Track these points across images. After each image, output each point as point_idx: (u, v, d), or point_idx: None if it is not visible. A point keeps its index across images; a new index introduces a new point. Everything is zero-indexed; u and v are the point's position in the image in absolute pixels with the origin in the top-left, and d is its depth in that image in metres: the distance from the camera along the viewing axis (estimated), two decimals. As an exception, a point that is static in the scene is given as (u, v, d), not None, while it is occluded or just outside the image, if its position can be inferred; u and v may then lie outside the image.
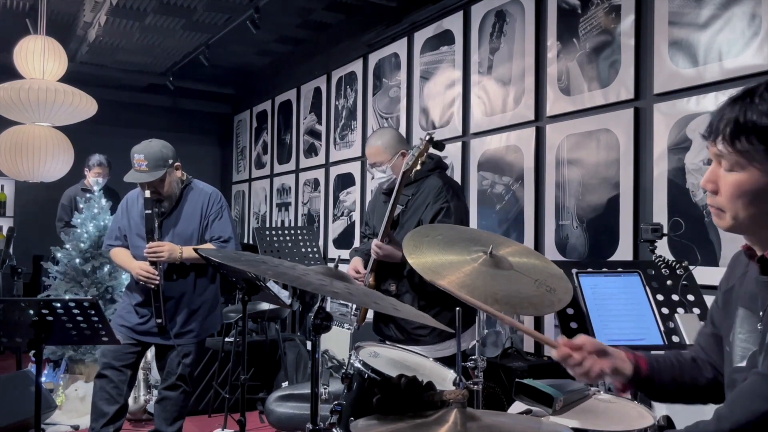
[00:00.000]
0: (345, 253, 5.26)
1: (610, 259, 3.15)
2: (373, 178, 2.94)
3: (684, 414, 1.59)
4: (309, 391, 1.72)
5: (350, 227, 5.42)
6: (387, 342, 2.81)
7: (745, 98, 1.12)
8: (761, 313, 1.20)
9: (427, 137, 2.62)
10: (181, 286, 3.20)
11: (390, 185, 2.87)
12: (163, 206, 3.17)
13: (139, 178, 3.07)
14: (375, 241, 2.74)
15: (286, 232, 4.61)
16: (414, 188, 2.80)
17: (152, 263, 3.09)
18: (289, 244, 4.50)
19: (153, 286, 3.10)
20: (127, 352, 3.16)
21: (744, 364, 1.22)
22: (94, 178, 5.32)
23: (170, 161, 3.12)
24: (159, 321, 3.12)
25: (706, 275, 2.67)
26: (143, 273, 3.08)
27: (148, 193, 3.08)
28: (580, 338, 1.40)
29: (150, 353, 4.05)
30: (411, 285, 2.72)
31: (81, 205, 4.82)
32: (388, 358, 2.11)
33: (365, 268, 2.89)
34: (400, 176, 2.65)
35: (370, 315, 3.07)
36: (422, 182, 2.80)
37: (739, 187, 1.12)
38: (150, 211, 3.08)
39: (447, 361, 2.53)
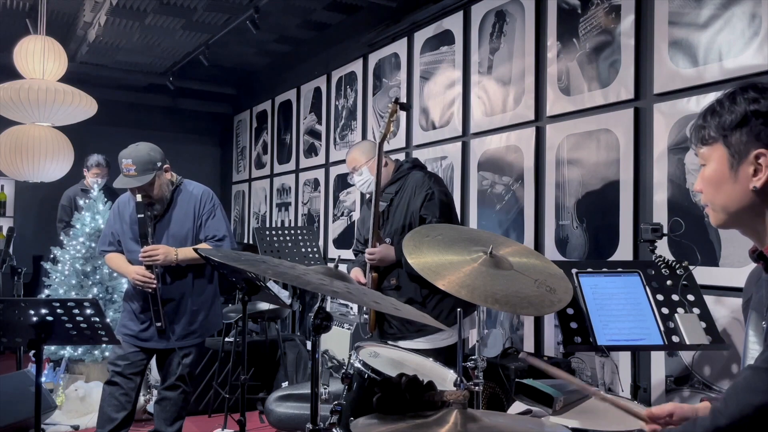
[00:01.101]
0: (345, 253, 5.26)
1: (610, 259, 3.15)
2: (353, 185, 3.05)
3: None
4: (309, 391, 1.71)
5: (350, 227, 5.41)
6: (390, 342, 2.82)
7: (710, 104, 1.28)
8: (764, 311, 1.21)
9: (393, 99, 2.82)
10: (180, 288, 3.19)
11: (372, 189, 2.95)
12: (155, 209, 3.16)
13: (128, 183, 3.06)
14: (367, 250, 2.79)
15: (286, 232, 4.61)
16: (397, 186, 2.90)
17: (148, 267, 3.09)
18: (289, 244, 4.50)
19: (150, 290, 3.10)
20: (136, 360, 3.18)
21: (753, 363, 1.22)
22: (92, 179, 5.32)
23: (159, 164, 3.11)
24: (159, 324, 3.11)
25: (706, 275, 2.67)
26: (139, 277, 3.08)
27: (139, 197, 3.07)
28: (668, 407, 1.42)
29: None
30: (411, 276, 2.75)
31: (81, 203, 4.82)
32: (388, 358, 2.11)
33: (365, 276, 2.92)
34: (376, 154, 2.81)
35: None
36: (404, 179, 2.91)
37: (707, 178, 1.26)
38: (142, 215, 3.07)
39: (449, 352, 2.55)
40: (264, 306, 4.49)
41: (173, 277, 3.18)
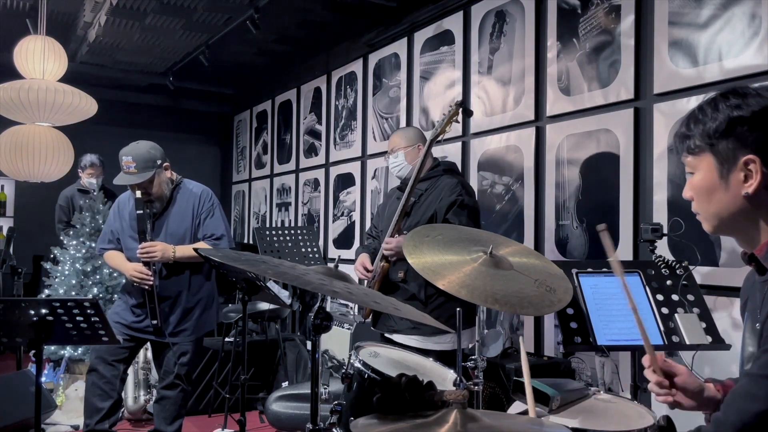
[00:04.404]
0: (345, 253, 5.26)
1: (610, 259, 3.15)
2: (389, 167, 3.04)
3: (684, 414, 1.59)
4: (309, 391, 1.71)
5: (350, 227, 5.42)
6: (386, 334, 2.83)
7: (693, 111, 1.27)
8: (758, 313, 1.21)
9: (457, 101, 2.76)
10: (177, 285, 3.20)
11: (406, 175, 2.95)
12: (155, 207, 3.18)
13: (128, 180, 3.08)
14: (386, 239, 2.78)
15: (286, 232, 4.61)
16: (428, 184, 2.88)
17: (145, 264, 3.10)
18: (289, 244, 4.50)
19: (147, 287, 3.10)
20: (120, 347, 3.15)
21: (749, 366, 1.22)
22: (88, 179, 5.33)
23: (159, 162, 3.14)
24: (154, 322, 3.12)
25: (706, 275, 2.67)
26: (137, 274, 3.09)
27: (138, 194, 3.09)
28: (681, 372, 1.37)
29: (149, 353, 4.06)
30: (418, 273, 2.74)
31: (80, 203, 4.82)
32: (388, 358, 2.11)
33: (372, 264, 2.91)
34: (422, 154, 2.80)
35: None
36: (437, 180, 2.89)
37: (697, 187, 1.26)
38: (141, 212, 3.09)
39: (446, 355, 2.54)
40: (264, 306, 4.49)
41: (170, 274, 3.19)
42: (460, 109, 2.75)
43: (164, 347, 3.24)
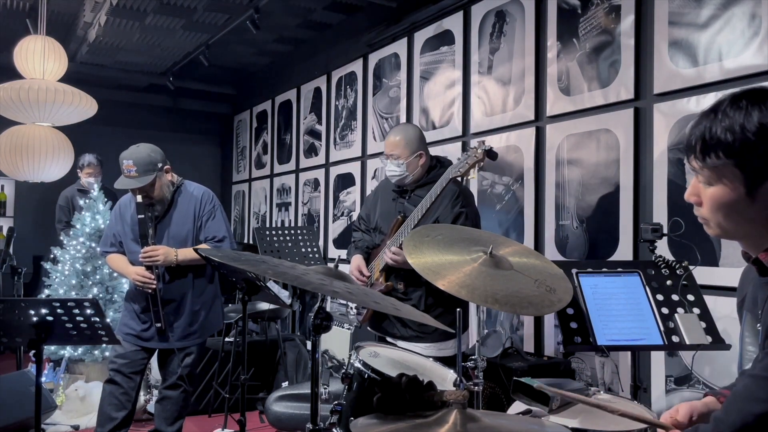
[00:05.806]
0: (345, 253, 5.26)
1: (610, 259, 3.15)
2: (384, 167, 2.92)
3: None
4: (309, 391, 1.72)
5: (350, 227, 5.41)
6: (388, 338, 2.82)
7: (710, 114, 1.15)
8: (759, 313, 1.21)
9: (486, 147, 2.60)
10: (180, 288, 3.20)
11: (401, 183, 2.88)
12: (156, 210, 3.17)
13: (129, 184, 3.08)
14: (392, 248, 2.72)
15: (286, 232, 4.61)
16: (426, 190, 2.82)
17: (148, 267, 3.10)
18: (289, 244, 4.50)
19: (150, 291, 3.10)
20: (137, 359, 3.19)
21: (749, 366, 1.22)
22: (86, 178, 5.34)
23: (159, 165, 3.12)
24: (158, 325, 3.12)
25: (706, 275, 2.67)
26: (139, 278, 3.09)
27: (139, 198, 3.08)
28: (686, 410, 1.33)
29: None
30: (417, 284, 2.72)
31: (81, 203, 4.83)
32: (388, 358, 2.11)
33: (367, 266, 2.90)
34: (445, 182, 2.63)
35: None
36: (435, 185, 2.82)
37: (715, 200, 1.16)
38: (143, 216, 3.08)
39: (449, 361, 2.54)
40: (264, 306, 4.49)
41: (174, 278, 3.18)
42: (485, 154, 2.60)
43: (170, 352, 3.24)
